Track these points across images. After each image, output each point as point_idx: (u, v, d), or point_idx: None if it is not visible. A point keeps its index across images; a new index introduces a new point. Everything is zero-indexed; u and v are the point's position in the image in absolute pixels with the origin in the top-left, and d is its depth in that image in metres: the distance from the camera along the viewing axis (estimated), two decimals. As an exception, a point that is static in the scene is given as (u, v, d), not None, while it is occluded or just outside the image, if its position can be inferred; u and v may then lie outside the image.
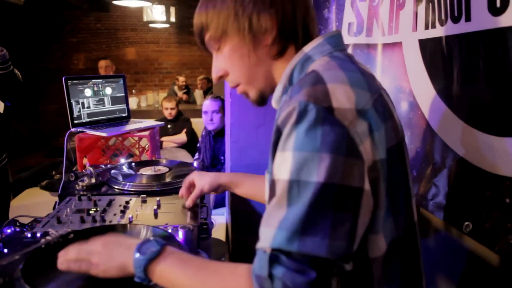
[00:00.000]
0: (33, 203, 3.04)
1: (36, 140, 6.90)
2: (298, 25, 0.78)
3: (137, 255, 0.70)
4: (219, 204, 2.47)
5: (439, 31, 1.04)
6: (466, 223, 0.96)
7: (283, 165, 0.63)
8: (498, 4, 0.81)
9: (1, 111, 2.24)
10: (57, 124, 6.71)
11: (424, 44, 1.12)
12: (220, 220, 2.21)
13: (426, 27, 1.10)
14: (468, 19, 0.92)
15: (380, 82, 0.79)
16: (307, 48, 0.78)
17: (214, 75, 0.85)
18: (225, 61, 0.81)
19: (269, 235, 0.60)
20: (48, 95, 6.95)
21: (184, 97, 6.22)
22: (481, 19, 0.87)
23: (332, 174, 0.59)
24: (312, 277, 0.56)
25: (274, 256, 0.58)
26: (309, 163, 0.60)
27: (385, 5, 1.32)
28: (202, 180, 1.18)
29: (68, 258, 0.76)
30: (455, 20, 0.96)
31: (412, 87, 1.19)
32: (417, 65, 1.15)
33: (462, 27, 0.94)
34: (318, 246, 0.57)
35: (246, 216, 1.86)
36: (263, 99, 0.85)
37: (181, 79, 6.41)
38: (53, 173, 3.52)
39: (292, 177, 0.61)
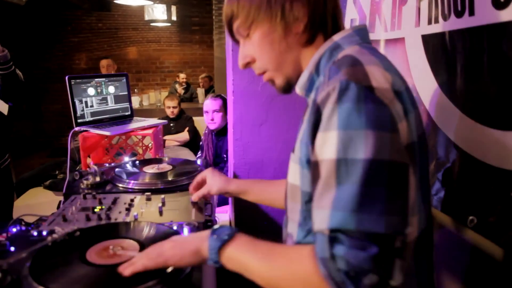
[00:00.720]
0: (37, 203, 3.05)
1: (39, 140, 6.92)
2: (328, 14, 0.80)
3: (212, 238, 0.74)
4: (222, 201, 2.47)
5: (442, 26, 1.04)
6: (471, 217, 0.96)
7: (327, 145, 0.63)
8: (501, -2, 0.81)
9: (5, 113, 2.25)
10: (59, 124, 6.72)
11: (427, 40, 1.12)
12: (223, 217, 2.21)
13: (429, 22, 1.09)
14: (471, 13, 0.91)
15: None
16: (337, 37, 0.79)
17: (241, 62, 0.86)
18: (254, 48, 0.83)
19: (324, 216, 0.61)
20: (50, 95, 6.97)
21: (180, 90, 6.20)
22: (484, 14, 0.87)
23: (379, 151, 0.60)
24: (374, 252, 0.57)
25: (333, 237, 0.59)
26: (355, 141, 0.60)
27: (387, 1, 1.31)
28: (213, 182, 1.19)
29: (137, 266, 0.77)
30: (459, 14, 0.96)
31: (415, 82, 1.19)
32: (420, 60, 1.15)
33: (466, 22, 0.94)
34: (376, 222, 0.58)
35: (249, 213, 1.86)
36: (289, 86, 0.86)
37: (182, 76, 6.42)
38: (57, 172, 3.53)
39: (339, 156, 0.61)
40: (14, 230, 1.04)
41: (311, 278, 0.61)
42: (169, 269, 0.79)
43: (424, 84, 1.14)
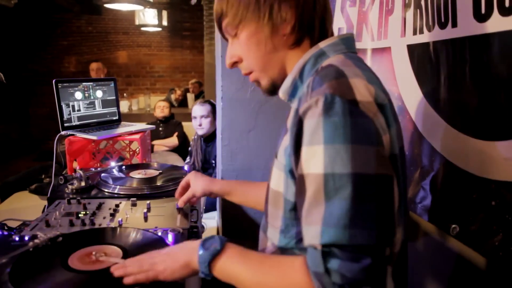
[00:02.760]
0: (22, 207, 3.00)
1: (25, 144, 6.83)
2: (317, 18, 0.80)
3: (201, 251, 0.73)
4: (210, 207, 2.46)
5: (426, 37, 1.05)
6: (453, 225, 0.98)
7: (314, 160, 0.63)
8: (483, 11, 0.83)
9: None
10: (47, 128, 6.64)
11: (412, 49, 1.14)
12: (211, 223, 2.20)
13: (414, 33, 1.11)
14: (454, 25, 0.93)
15: None
16: (323, 44, 0.80)
17: (228, 61, 0.86)
18: (241, 47, 0.83)
19: (315, 232, 0.61)
20: (39, 98, 6.89)
21: (174, 101, 6.15)
22: (467, 25, 0.89)
23: (366, 165, 0.61)
24: (368, 263, 0.58)
25: (327, 251, 0.59)
26: (342, 155, 0.61)
27: (374, 11, 1.33)
28: (196, 184, 1.18)
29: (130, 272, 0.77)
30: (442, 26, 0.98)
31: (400, 91, 1.21)
32: (406, 69, 1.17)
33: (449, 33, 0.96)
34: (367, 236, 0.58)
35: (237, 220, 1.86)
36: (274, 88, 0.86)
37: (179, 92, 6.39)
38: (43, 176, 3.48)
39: (326, 171, 0.61)
40: (-4, 235, 1.02)
41: None
42: None
43: (410, 93, 1.16)
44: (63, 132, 1.87)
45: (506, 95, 0.80)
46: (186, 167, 1.61)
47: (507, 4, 0.77)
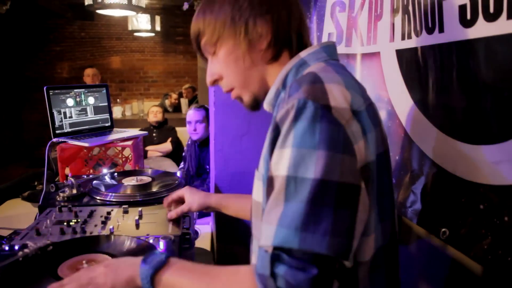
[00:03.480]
0: (14, 215, 2.97)
1: (18, 150, 6.78)
2: (293, 31, 0.81)
3: (143, 266, 0.72)
4: (204, 213, 2.46)
5: (414, 42, 1.07)
6: (443, 229, 0.98)
7: (281, 162, 0.64)
8: (468, 17, 0.84)
9: None
10: (40, 134, 6.60)
11: (401, 54, 1.15)
12: (205, 229, 2.20)
13: (403, 38, 1.12)
14: (441, 30, 0.94)
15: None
16: (303, 54, 0.80)
17: (209, 79, 0.87)
18: (220, 65, 0.83)
19: (270, 232, 0.61)
20: (31, 104, 6.85)
21: (168, 106, 6.14)
22: (453, 31, 0.90)
23: (329, 171, 0.60)
24: (314, 274, 0.57)
25: (276, 255, 0.59)
26: (306, 160, 0.61)
27: (363, 16, 1.35)
28: (192, 199, 1.19)
29: (79, 284, 0.74)
30: (430, 31, 0.99)
31: (390, 96, 1.22)
32: (395, 74, 1.18)
33: (436, 38, 0.97)
34: (318, 243, 0.58)
35: (231, 225, 1.86)
36: (256, 103, 0.86)
37: (174, 96, 6.38)
38: (36, 183, 3.45)
39: (290, 173, 0.62)
40: (-14, 244, 1.01)
41: None
42: None
43: (399, 98, 1.17)
44: (54, 139, 1.86)
45: (492, 100, 0.81)
46: (178, 173, 1.61)
47: (491, 10, 0.78)
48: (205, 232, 2.16)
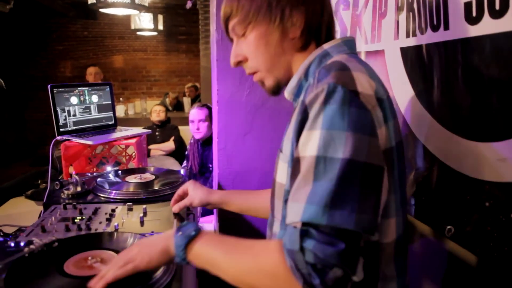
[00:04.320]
0: (18, 213, 2.99)
1: (21, 149, 6.80)
2: (324, 24, 0.84)
3: (179, 234, 0.75)
4: (207, 211, 2.46)
5: (419, 39, 1.06)
6: (448, 227, 0.98)
7: (310, 143, 0.66)
8: (474, 14, 0.84)
9: None
10: (43, 133, 6.62)
11: (406, 52, 1.14)
12: (208, 227, 2.20)
13: (407, 36, 1.12)
14: (446, 28, 0.94)
15: None
16: (327, 46, 0.83)
17: (233, 60, 0.88)
18: (248, 47, 0.85)
19: (298, 209, 0.63)
20: (34, 103, 6.87)
21: (169, 105, 6.16)
22: (458, 28, 0.90)
23: (357, 152, 0.63)
24: (341, 248, 0.59)
25: (304, 230, 0.61)
26: (336, 141, 0.64)
27: (367, 14, 1.34)
28: (195, 193, 1.19)
29: (108, 277, 0.76)
30: (434, 28, 0.99)
31: (394, 94, 1.22)
32: (399, 72, 1.17)
33: (441, 36, 0.96)
34: (346, 219, 0.60)
35: (234, 223, 1.85)
36: (278, 88, 0.88)
37: (172, 95, 6.40)
38: (39, 182, 3.47)
39: (319, 153, 0.64)
40: (-9, 241, 1.02)
41: (277, 269, 0.63)
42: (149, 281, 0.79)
43: (403, 96, 1.17)
44: (58, 137, 1.87)
45: (497, 96, 0.80)
46: (182, 171, 1.61)
47: (497, 7, 0.77)
48: (208, 230, 2.17)
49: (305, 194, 0.63)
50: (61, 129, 1.91)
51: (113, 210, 1.21)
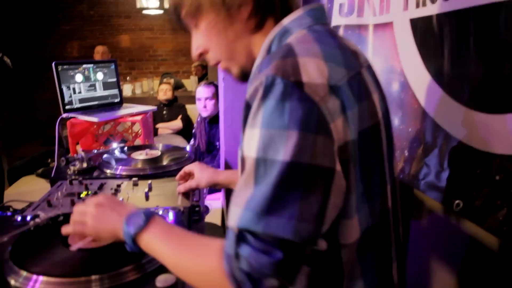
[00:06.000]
0: (29, 190, 3.03)
1: (31, 129, 6.86)
2: None
3: (125, 227, 0.73)
4: (214, 189, 2.47)
5: (430, 10, 1.03)
6: (457, 201, 0.96)
7: (251, 142, 0.60)
8: (488, -21, 0.80)
9: None
10: (52, 113, 6.62)
11: (415, 24, 1.11)
12: (216, 205, 2.21)
13: (417, 6, 1.08)
14: (458, -5, 0.90)
15: (366, 59, 0.77)
16: (286, 21, 0.74)
17: (194, 53, 0.83)
18: (204, 38, 0.79)
19: (236, 214, 0.59)
20: (43, 83, 6.88)
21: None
22: (471, -5, 0.86)
23: (300, 153, 0.56)
24: (278, 258, 0.55)
25: (241, 236, 0.58)
26: (276, 141, 0.57)
27: (377, -16, 1.30)
28: (201, 175, 1.18)
29: (72, 219, 0.80)
30: (446, -3, 0.95)
31: (403, 67, 1.18)
32: (408, 44, 1.14)
33: (453, 4, 0.93)
34: (283, 227, 0.55)
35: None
36: (245, 75, 0.81)
37: (171, 81, 6.34)
38: (49, 161, 3.51)
39: (259, 155, 0.58)
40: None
41: (213, 273, 0.60)
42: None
43: (413, 69, 1.14)
44: (64, 115, 1.87)
45: (510, 67, 0.77)
46: (188, 147, 1.61)
47: (513, -30, 0.74)
48: (215, 208, 2.18)
49: (244, 198, 0.58)
50: (66, 107, 1.91)
51: (119, 186, 1.21)
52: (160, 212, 1.00)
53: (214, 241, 0.65)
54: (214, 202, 2.23)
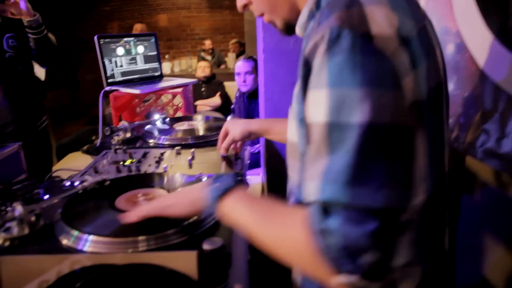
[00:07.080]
0: (75, 166, 3.14)
1: (76, 109, 7.11)
2: None
3: (215, 184, 0.70)
4: (254, 164, 2.46)
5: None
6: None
7: (317, 106, 0.54)
8: None
9: (42, 78, 2.30)
10: (96, 93, 6.75)
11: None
12: (255, 180, 2.20)
13: (478, -44, 0.99)
14: None
15: (425, 12, 0.71)
16: None
17: (239, 4, 0.80)
18: None
19: (314, 187, 0.53)
20: (85, 65, 7.09)
21: (207, 58, 6.13)
22: None
23: (379, 113, 0.51)
24: (373, 228, 0.49)
25: (326, 209, 0.52)
26: (349, 101, 0.51)
27: None
28: (234, 129, 1.15)
29: (139, 213, 0.77)
30: None
31: (459, 27, 1.09)
32: (466, 2, 1.05)
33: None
34: (372, 197, 0.50)
35: (282, 176, 1.83)
36: (290, 28, 0.76)
37: (207, 42, 6.35)
38: (93, 138, 3.62)
39: (331, 119, 0.52)
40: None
41: (303, 250, 0.54)
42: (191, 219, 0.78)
43: (471, 28, 1.05)
44: (107, 88, 1.89)
45: None
46: (229, 118, 1.60)
47: None
48: (255, 183, 2.17)
49: (320, 169, 0.52)
50: (109, 80, 1.94)
51: (162, 154, 1.22)
52: (204, 179, 0.99)
53: (298, 212, 0.58)
54: (254, 177, 2.22)
